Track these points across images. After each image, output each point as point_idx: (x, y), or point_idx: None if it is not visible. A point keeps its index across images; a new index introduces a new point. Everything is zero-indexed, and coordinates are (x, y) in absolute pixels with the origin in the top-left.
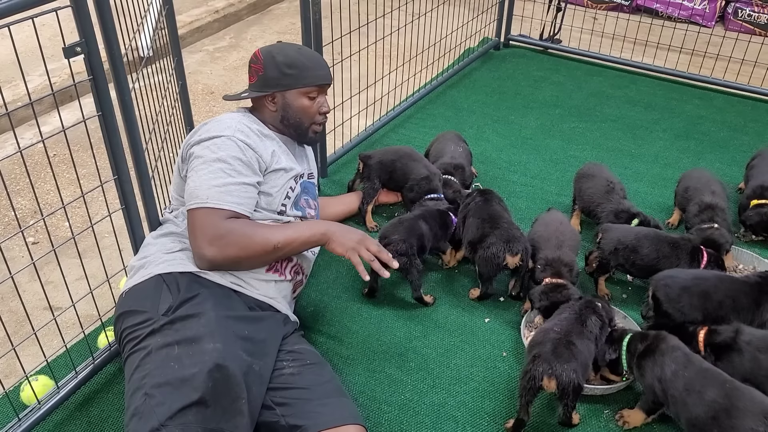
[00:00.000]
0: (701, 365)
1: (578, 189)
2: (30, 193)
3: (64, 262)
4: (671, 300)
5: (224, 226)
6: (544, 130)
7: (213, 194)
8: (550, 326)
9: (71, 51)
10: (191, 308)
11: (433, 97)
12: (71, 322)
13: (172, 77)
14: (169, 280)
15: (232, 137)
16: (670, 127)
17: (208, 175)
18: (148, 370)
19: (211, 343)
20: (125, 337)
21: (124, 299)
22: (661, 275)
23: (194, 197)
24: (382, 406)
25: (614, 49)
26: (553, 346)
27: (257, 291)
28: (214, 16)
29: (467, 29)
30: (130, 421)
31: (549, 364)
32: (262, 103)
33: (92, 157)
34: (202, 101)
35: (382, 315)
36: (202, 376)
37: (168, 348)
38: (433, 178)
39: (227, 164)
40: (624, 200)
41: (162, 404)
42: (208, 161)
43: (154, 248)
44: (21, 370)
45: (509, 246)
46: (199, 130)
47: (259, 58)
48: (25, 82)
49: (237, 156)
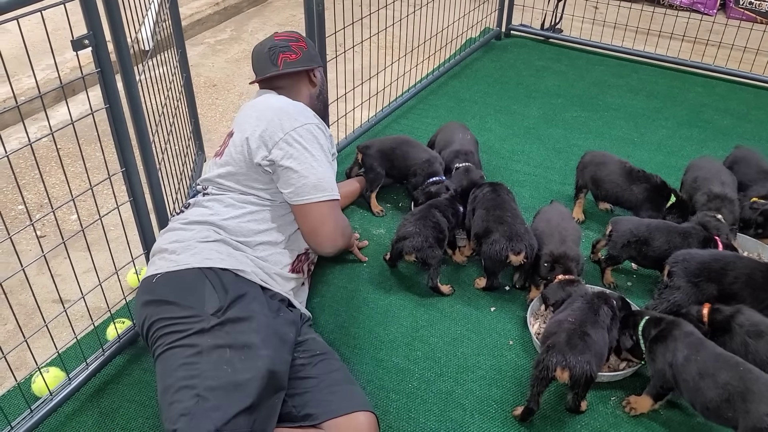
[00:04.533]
0: (714, 350)
1: (594, 179)
2: (34, 187)
3: (71, 255)
4: (689, 274)
5: (343, 217)
6: (546, 120)
7: (333, 186)
8: (564, 317)
9: (79, 44)
10: (241, 310)
11: (434, 88)
12: (79, 315)
13: (177, 69)
14: (211, 276)
15: (318, 125)
16: (673, 115)
17: (325, 165)
18: (199, 371)
19: (264, 350)
20: (161, 328)
21: (154, 284)
22: (679, 253)
23: (320, 190)
24: (390, 395)
25: (616, 38)
26: (567, 337)
27: (280, 287)
28: (215, 9)
29: (468, 19)
30: (178, 418)
31: (563, 355)
32: (302, 79)
33: (94, 150)
34: (205, 94)
35: (389, 305)
36: (255, 382)
37: (220, 350)
38: (434, 161)
39: (326, 155)
40: (653, 176)
41: (217, 409)
42: (316, 150)
43: (188, 234)
44: (31, 363)
45: (512, 244)
46: (272, 116)
47: (299, 37)
48: (34, 75)
49: (326, 145)
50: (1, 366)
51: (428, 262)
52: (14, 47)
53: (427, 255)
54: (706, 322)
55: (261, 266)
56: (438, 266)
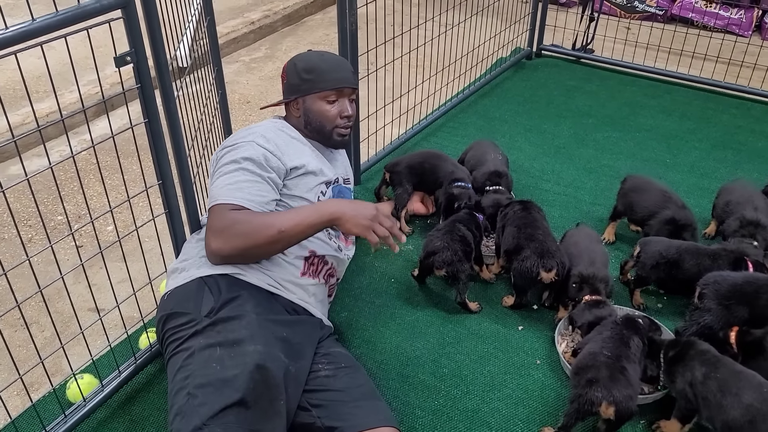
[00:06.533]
0: (734, 367)
1: (645, 206)
2: (72, 199)
3: (107, 265)
4: (721, 296)
5: (228, 217)
6: (577, 139)
7: (224, 192)
8: (597, 349)
9: (122, 60)
10: (233, 310)
11: (464, 107)
12: (113, 323)
13: (213, 86)
14: (210, 282)
15: (252, 141)
16: (707, 136)
17: (223, 177)
18: (191, 371)
19: (252, 345)
20: (168, 338)
21: (165, 301)
22: (710, 275)
23: (209, 198)
24: (415, 411)
25: (648, 59)
26: (609, 372)
27: (294, 295)
28: (250, 27)
29: (499, 39)
30: (173, 420)
31: (608, 391)
32: (290, 110)
33: (129, 164)
34: (239, 110)
35: (416, 321)
36: (243, 377)
37: (210, 349)
38: (461, 171)
39: (240, 164)
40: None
41: (204, 404)
42: (224, 164)
43: (194, 251)
44: (67, 369)
45: (543, 261)
46: (228, 138)
47: (284, 67)
48: (79, 92)
49: (251, 157)
50: (38, 371)
51: (458, 276)
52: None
53: (457, 269)
54: (734, 345)
55: (268, 273)
56: (467, 281)
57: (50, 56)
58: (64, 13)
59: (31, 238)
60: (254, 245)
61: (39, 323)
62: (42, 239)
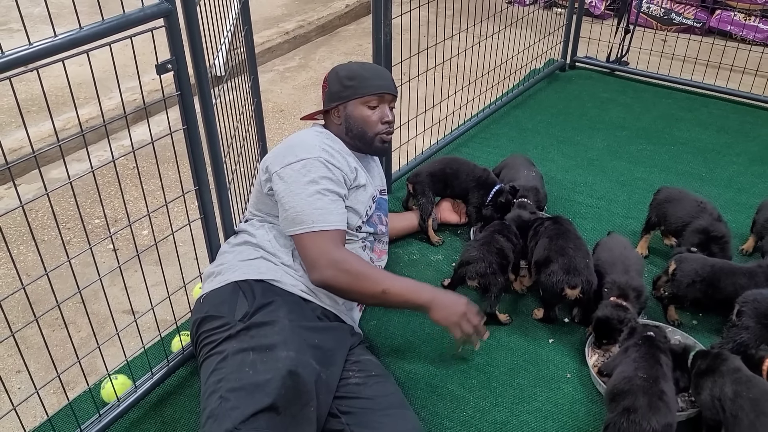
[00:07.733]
0: (766, 387)
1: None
2: (110, 203)
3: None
4: (759, 315)
5: (339, 253)
6: (610, 152)
7: (317, 217)
8: (632, 372)
9: (163, 68)
10: (266, 315)
11: (497, 117)
12: (146, 326)
13: (248, 95)
14: (244, 287)
15: (319, 158)
16: (744, 151)
17: (307, 200)
18: (223, 374)
19: (284, 351)
20: (202, 341)
21: (200, 305)
22: (750, 292)
23: (298, 223)
24: (444, 422)
25: (685, 72)
26: (648, 399)
27: (326, 302)
28: (285, 38)
29: (533, 51)
30: (205, 422)
31: (647, 422)
32: (331, 118)
33: (165, 170)
34: (272, 119)
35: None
36: (275, 382)
37: (243, 353)
38: (488, 174)
39: (320, 185)
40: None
41: (236, 408)
42: (302, 184)
43: (231, 256)
44: (102, 369)
45: (569, 278)
46: (282, 151)
47: (325, 77)
48: (122, 98)
49: (327, 176)
50: (75, 371)
51: (490, 289)
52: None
53: (489, 281)
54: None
55: (302, 279)
56: (499, 294)
57: (87, 65)
58: (110, 22)
59: (69, 240)
60: (357, 290)
61: (76, 324)
62: (79, 242)
